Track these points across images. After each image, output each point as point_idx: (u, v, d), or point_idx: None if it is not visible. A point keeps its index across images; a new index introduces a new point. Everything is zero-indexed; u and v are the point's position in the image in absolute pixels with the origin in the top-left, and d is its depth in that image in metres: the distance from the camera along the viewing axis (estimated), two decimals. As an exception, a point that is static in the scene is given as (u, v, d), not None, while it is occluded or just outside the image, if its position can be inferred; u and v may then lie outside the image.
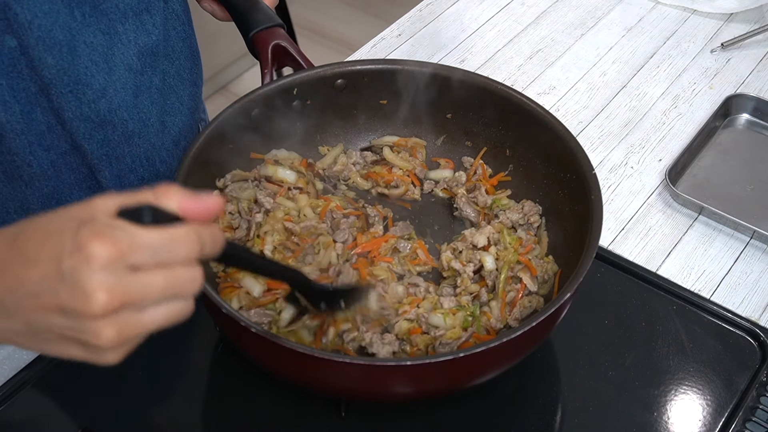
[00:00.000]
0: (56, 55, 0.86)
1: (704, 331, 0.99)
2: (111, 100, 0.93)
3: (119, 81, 0.94)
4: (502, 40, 1.44)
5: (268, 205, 1.00)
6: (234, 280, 0.92)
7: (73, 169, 0.96)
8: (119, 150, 0.98)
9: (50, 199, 0.96)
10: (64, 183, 0.95)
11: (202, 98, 1.13)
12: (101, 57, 0.91)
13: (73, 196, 0.97)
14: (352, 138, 1.12)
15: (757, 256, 1.09)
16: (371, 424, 0.90)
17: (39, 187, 0.94)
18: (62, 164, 0.94)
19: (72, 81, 0.89)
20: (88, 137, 0.94)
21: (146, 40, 0.96)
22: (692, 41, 1.44)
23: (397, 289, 0.93)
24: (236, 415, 0.90)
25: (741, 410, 0.90)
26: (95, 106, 0.92)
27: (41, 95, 0.88)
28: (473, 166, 1.08)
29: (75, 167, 0.95)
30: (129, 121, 0.97)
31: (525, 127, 1.01)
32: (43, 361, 0.93)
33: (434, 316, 0.90)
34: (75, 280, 0.52)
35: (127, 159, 0.99)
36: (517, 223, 1.02)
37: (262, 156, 1.05)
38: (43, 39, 0.85)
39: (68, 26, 0.86)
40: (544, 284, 0.96)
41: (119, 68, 0.93)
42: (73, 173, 0.96)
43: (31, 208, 0.95)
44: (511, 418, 0.91)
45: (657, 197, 1.17)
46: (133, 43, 0.94)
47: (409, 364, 0.74)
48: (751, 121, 1.29)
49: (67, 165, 0.95)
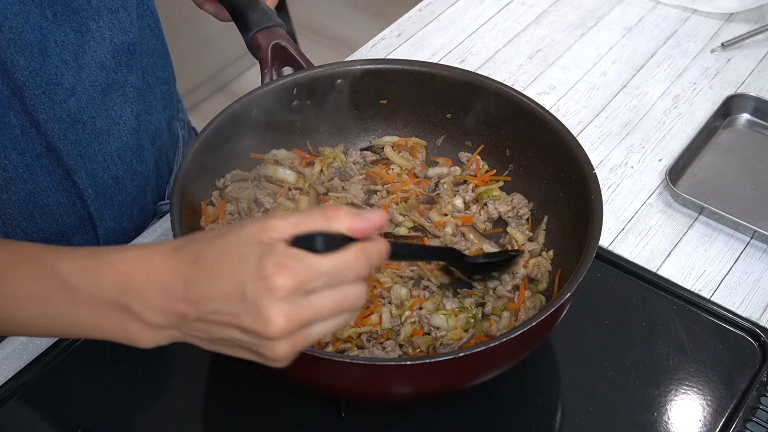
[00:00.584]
0: (28, 56, 0.85)
1: (704, 331, 0.99)
2: (80, 98, 0.92)
3: (88, 79, 0.92)
4: (502, 40, 1.44)
5: (268, 204, 1.00)
6: None
7: (49, 172, 0.94)
8: (90, 149, 0.96)
9: (27, 202, 0.94)
10: (40, 186, 0.94)
11: (179, 97, 1.13)
12: (71, 55, 0.89)
13: (50, 199, 0.96)
14: (352, 138, 1.12)
15: (758, 256, 1.09)
16: (371, 425, 0.90)
17: (15, 191, 0.93)
18: (37, 167, 0.93)
19: (44, 81, 0.88)
20: (62, 138, 0.93)
21: (123, 38, 0.94)
22: (692, 41, 1.44)
23: (401, 291, 0.93)
24: (236, 415, 0.90)
25: (741, 410, 0.90)
26: (66, 105, 0.91)
27: (14, 98, 0.87)
28: (469, 162, 1.08)
29: (50, 169, 0.94)
30: (97, 119, 0.95)
31: (525, 127, 1.01)
32: (43, 362, 0.93)
33: (436, 317, 0.91)
34: (257, 306, 0.58)
35: (99, 157, 0.98)
36: (505, 215, 1.02)
37: (262, 156, 1.05)
38: (14, 41, 0.84)
39: (39, 26, 0.85)
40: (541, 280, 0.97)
41: (90, 66, 0.92)
42: (48, 176, 0.94)
43: (8, 212, 0.94)
44: (511, 418, 0.91)
45: (657, 197, 1.17)
46: (107, 41, 0.92)
47: (408, 364, 0.74)
48: (751, 121, 1.29)
49: (43, 168, 0.93)
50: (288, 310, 0.59)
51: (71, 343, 0.95)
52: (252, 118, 1.00)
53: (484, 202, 1.04)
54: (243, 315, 0.59)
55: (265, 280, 0.58)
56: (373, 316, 0.91)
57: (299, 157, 1.08)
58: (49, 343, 0.95)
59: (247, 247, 0.60)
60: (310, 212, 0.61)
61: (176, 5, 2.62)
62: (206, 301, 0.60)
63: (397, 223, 1.01)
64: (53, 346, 0.94)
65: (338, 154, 1.09)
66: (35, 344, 0.95)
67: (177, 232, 0.83)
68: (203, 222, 0.98)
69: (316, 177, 1.06)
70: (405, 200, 1.04)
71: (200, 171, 0.94)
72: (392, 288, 0.94)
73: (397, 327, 0.91)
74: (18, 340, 0.95)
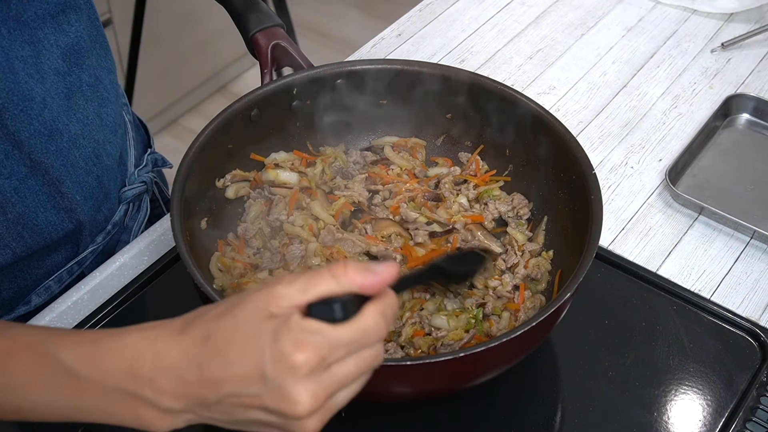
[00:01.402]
0: (2, 79, 0.86)
1: (704, 331, 0.99)
2: (51, 109, 0.92)
3: (52, 87, 0.92)
4: (502, 40, 1.44)
5: (282, 217, 1.00)
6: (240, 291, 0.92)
7: (36, 192, 0.94)
8: (71, 156, 0.96)
9: (16, 224, 0.94)
10: (28, 207, 0.94)
11: (119, 83, 1.12)
12: (33, 68, 0.89)
13: (40, 218, 0.96)
14: (353, 138, 1.12)
15: (758, 256, 1.09)
16: (371, 424, 0.90)
17: (3, 212, 0.93)
18: (24, 189, 0.93)
19: (20, 99, 0.88)
20: (45, 151, 0.93)
21: (66, 40, 0.94)
22: (692, 41, 1.44)
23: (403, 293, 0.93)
24: (236, 415, 0.90)
25: (741, 410, 0.90)
26: (41, 118, 0.91)
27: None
28: (469, 162, 1.08)
29: (37, 189, 0.94)
30: (70, 125, 0.95)
31: (525, 128, 1.01)
32: (43, 362, 0.93)
33: (437, 318, 0.91)
34: (280, 387, 0.57)
35: (80, 162, 0.98)
36: (505, 215, 1.02)
37: (262, 158, 1.05)
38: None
39: (1, 46, 0.85)
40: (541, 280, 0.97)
41: (49, 75, 0.92)
42: (36, 196, 0.94)
43: (0, 235, 0.94)
44: (511, 418, 0.91)
45: (657, 197, 1.17)
46: (54, 47, 0.92)
47: (409, 364, 0.74)
48: (751, 121, 1.29)
49: (30, 189, 0.93)
50: (314, 388, 0.57)
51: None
52: (252, 119, 1.00)
53: (485, 202, 1.04)
54: (266, 396, 0.57)
55: (285, 360, 0.56)
56: None
57: (298, 157, 1.08)
58: (49, 343, 0.95)
59: (260, 323, 0.58)
60: (316, 274, 0.59)
61: (176, 5, 2.62)
62: (224, 383, 0.58)
63: (412, 220, 1.01)
64: (53, 346, 0.95)
65: (339, 154, 1.09)
66: (35, 344, 0.95)
67: (177, 233, 0.83)
68: (203, 223, 0.98)
69: (319, 177, 1.06)
70: (412, 199, 1.04)
71: (200, 171, 0.94)
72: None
73: (399, 328, 0.91)
74: (18, 340, 0.95)
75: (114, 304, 0.99)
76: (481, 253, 0.86)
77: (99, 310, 0.98)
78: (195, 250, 0.91)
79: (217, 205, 1.01)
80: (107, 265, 1.04)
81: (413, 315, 0.91)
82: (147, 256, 1.05)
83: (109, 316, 0.98)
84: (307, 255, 0.97)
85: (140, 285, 1.01)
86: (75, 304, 1.00)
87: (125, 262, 1.05)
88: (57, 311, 0.99)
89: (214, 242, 0.99)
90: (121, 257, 1.05)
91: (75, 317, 0.98)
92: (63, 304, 0.99)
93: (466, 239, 1.00)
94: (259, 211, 1.02)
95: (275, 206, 1.02)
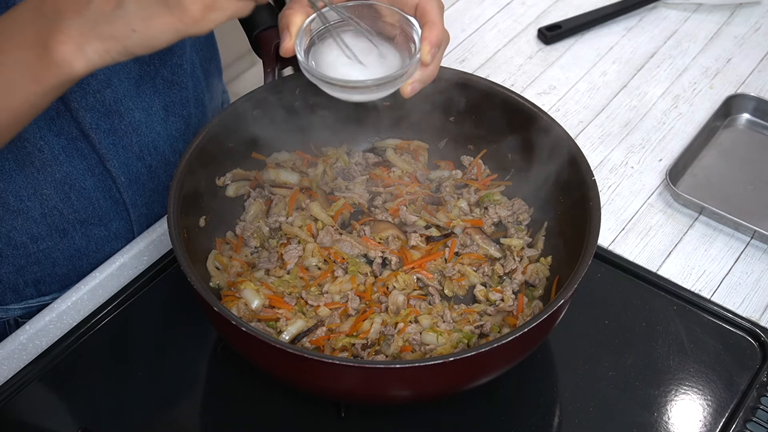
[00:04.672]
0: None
1: (705, 332, 0.99)
2: (116, 90, 0.94)
3: (123, 71, 0.94)
4: (502, 40, 1.44)
5: (282, 218, 1.00)
6: (236, 290, 0.92)
7: (84, 156, 0.96)
8: (126, 139, 0.98)
9: (63, 184, 0.96)
10: (76, 169, 0.96)
11: (224, 87, 1.13)
12: None
13: (87, 183, 0.98)
14: (355, 140, 1.12)
15: (758, 256, 1.09)
16: (371, 425, 0.90)
17: (51, 172, 0.94)
18: (73, 150, 0.95)
19: None
20: (95, 127, 0.94)
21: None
22: (692, 41, 1.44)
23: (398, 298, 0.93)
24: (236, 415, 0.90)
25: (741, 410, 0.90)
26: (100, 96, 0.93)
27: None
28: (471, 165, 1.08)
29: (86, 153, 0.96)
30: (135, 111, 0.97)
31: (527, 132, 1.01)
32: (43, 362, 0.93)
33: (427, 335, 0.90)
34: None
35: (135, 147, 1.00)
36: (506, 220, 1.02)
37: (263, 157, 1.05)
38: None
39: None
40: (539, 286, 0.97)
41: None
42: (84, 159, 0.96)
43: (44, 194, 0.96)
44: (510, 418, 0.91)
45: (657, 197, 1.17)
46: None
47: (407, 366, 0.74)
48: (751, 121, 1.29)
49: (78, 151, 0.95)
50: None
51: (72, 343, 0.95)
52: (254, 118, 1.00)
53: (485, 206, 1.04)
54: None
55: None
56: (366, 322, 0.90)
57: (300, 158, 1.08)
58: (49, 343, 0.95)
59: None
60: None
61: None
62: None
63: (411, 223, 1.01)
64: (54, 345, 0.95)
65: (341, 155, 1.09)
66: (35, 344, 0.95)
67: (173, 230, 0.83)
68: (201, 221, 0.98)
69: (320, 177, 1.06)
70: (413, 202, 1.04)
71: (200, 169, 0.94)
72: (391, 293, 0.94)
73: (390, 336, 0.90)
74: (18, 340, 0.95)
75: (114, 304, 0.99)
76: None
77: (99, 310, 0.98)
78: (193, 247, 0.91)
79: (217, 204, 1.01)
80: (107, 265, 1.04)
81: (406, 328, 0.90)
82: (147, 256, 1.05)
83: (109, 316, 0.98)
84: (304, 255, 0.97)
85: (140, 285, 1.01)
86: (75, 304, 1.00)
87: (125, 262, 1.05)
88: (57, 311, 0.99)
89: (213, 240, 0.99)
90: (121, 257, 1.05)
91: (75, 317, 0.98)
92: (63, 304, 0.99)
93: (464, 243, 1.00)
94: (258, 210, 1.03)
95: (274, 206, 1.02)
